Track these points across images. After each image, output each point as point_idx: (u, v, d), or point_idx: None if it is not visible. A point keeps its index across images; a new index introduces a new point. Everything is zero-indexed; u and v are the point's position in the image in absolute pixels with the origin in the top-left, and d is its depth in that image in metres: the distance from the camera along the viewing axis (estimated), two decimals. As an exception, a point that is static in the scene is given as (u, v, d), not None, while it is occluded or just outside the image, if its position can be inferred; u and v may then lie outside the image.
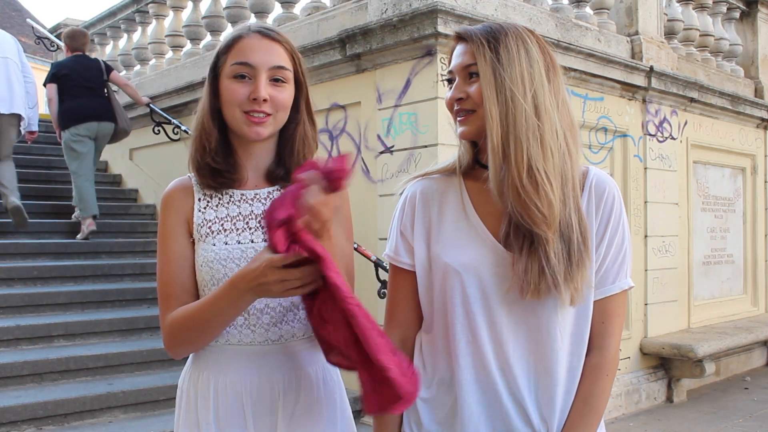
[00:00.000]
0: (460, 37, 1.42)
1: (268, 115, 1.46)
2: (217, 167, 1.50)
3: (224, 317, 1.39)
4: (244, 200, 1.53)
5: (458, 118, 1.41)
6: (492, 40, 1.36)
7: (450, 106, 1.43)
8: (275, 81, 1.46)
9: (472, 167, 1.47)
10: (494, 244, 1.38)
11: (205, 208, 1.52)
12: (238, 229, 1.50)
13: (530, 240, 1.32)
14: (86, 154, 5.81)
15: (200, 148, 1.51)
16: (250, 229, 1.50)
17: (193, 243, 1.52)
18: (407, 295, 1.50)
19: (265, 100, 1.44)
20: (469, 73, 1.38)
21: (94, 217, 5.78)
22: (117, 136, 6.07)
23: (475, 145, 1.46)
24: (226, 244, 1.48)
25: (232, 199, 1.52)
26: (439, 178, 1.50)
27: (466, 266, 1.38)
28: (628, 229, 1.44)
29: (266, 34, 1.48)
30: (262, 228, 1.50)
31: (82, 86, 5.81)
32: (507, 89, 1.33)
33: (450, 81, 1.43)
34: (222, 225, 1.50)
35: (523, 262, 1.32)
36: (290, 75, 1.49)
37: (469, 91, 1.37)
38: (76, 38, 6.07)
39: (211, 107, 1.51)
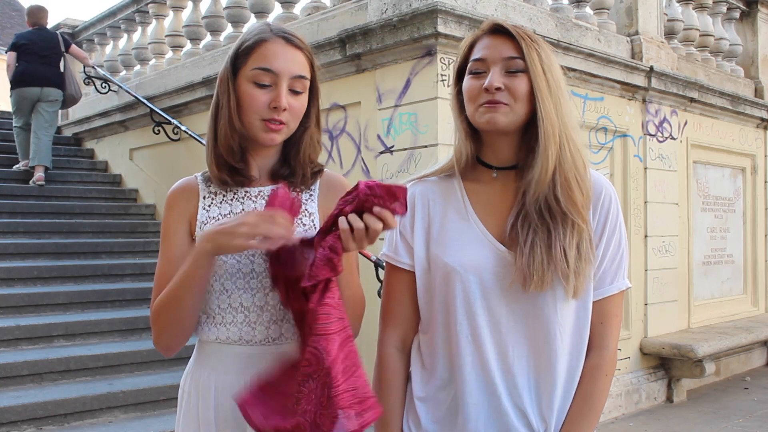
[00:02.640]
0: (499, 30, 1.40)
1: (284, 123, 1.46)
2: (237, 167, 1.51)
3: (190, 283, 1.38)
4: (248, 197, 1.54)
5: (486, 106, 1.36)
6: (534, 39, 1.38)
7: (476, 94, 1.38)
8: (294, 90, 1.46)
9: (472, 167, 1.47)
10: (494, 244, 1.39)
11: (209, 206, 1.53)
12: None
13: (535, 232, 1.34)
14: (29, 113, 6.62)
15: (227, 148, 1.49)
16: None
17: (194, 241, 1.52)
18: (406, 295, 1.50)
19: (285, 109, 1.44)
20: (510, 66, 1.37)
21: (47, 169, 6.60)
22: (66, 102, 6.92)
23: (476, 143, 1.45)
24: None
25: (236, 196, 1.54)
26: (436, 180, 1.51)
27: (467, 266, 1.39)
28: (624, 231, 1.45)
29: (290, 40, 1.47)
30: None
31: (36, 54, 6.61)
32: (555, 87, 1.37)
33: (477, 72, 1.39)
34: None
35: (526, 254, 1.34)
36: (308, 84, 1.49)
37: (510, 84, 1.36)
38: (33, 14, 6.87)
39: (236, 108, 1.49)
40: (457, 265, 1.39)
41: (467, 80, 1.41)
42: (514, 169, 1.43)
